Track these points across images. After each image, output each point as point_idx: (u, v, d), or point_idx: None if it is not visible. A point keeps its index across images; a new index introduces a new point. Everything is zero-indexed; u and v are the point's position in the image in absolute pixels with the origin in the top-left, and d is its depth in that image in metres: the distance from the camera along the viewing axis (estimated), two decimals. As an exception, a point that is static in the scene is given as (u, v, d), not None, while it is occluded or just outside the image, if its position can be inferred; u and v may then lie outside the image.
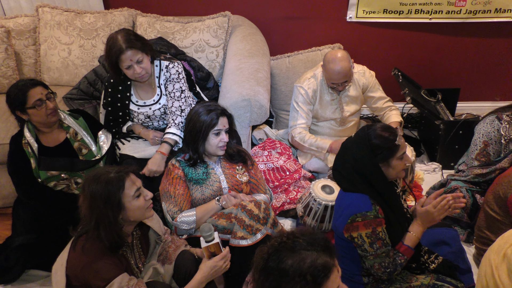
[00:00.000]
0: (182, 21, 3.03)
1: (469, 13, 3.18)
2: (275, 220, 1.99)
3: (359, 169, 1.77)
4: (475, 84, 3.54)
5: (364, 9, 3.21)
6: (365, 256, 1.78)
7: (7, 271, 2.17)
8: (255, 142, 3.19)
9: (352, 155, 1.78)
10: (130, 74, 2.30)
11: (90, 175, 1.64)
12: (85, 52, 3.02)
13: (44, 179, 2.25)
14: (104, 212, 1.60)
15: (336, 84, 2.64)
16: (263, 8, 3.27)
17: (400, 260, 1.78)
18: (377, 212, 1.74)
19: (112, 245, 1.64)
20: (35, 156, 2.22)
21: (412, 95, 2.94)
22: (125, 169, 1.67)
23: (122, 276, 1.63)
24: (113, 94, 2.44)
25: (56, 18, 3.03)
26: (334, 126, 2.87)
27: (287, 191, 2.71)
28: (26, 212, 2.23)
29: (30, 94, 2.14)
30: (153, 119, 2.51)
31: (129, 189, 1.65)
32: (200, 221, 2.02)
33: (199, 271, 1.72)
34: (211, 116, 2.03)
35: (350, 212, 1.75)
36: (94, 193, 1.60)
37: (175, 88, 2.43)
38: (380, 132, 1.75)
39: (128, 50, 2.20)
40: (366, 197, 1.75)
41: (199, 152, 2.08)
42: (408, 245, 1.79)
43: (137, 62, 2.25)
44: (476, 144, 2.44)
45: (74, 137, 2.32)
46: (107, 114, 2.50)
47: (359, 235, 1.74)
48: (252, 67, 2.74)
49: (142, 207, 1.69)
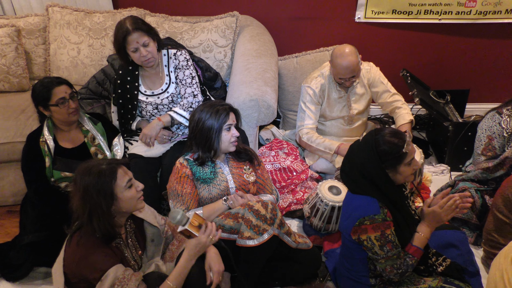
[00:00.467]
0: (190, 21, 3.04)
1: (479, 14, 3.15)
2: (282, 220, 1.99)
3: (366, 173, 1.76)
4: (484, 86, 3.51)
5: (372, 9, 3.20)
6: (376, 259, 1.77)
7: (17, 269, 2.19)
8: (262, 142, 3.19)
9: (359, 160, 1.77)
10: (136, 58, 2.33)
11: (82, 168, 1.65)
12: (94, 52, 3.04)
13: (57, 179, 2.27)
14: (97, 202, 1.62)
15: (343, 79, 2.63)
16: (271, 8, 3.27)
17: (411, 261, 1.77)
18: (385, 215, 1.73)
19: (105, 236, 1.66)
20: (51, 155, 2.25)
21: (420, 96, 2.92)
22: (116, 161, 1.71)
23: (117, 267, 1.64)
24: (122, 85, 2.48)
25: (65, 17, 3.06)
26: (341, 125, 2.87)
27: (294, 191, 2.70)
28: (34, 211, 2.25)
29: (55, 92, 2.18)
30: (161, 110, 2.52)
31: (121, 180, 1.67)
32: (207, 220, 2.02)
33: (185, 250, 1.73)
34: (221, 113, 2.03)
35: (358, 215, 1.74)
36: (87, 184, 1.61)
37: (185, 75, 2.47)
38: (388, 139, 1.73)
39: (135, 32, 2.26)
40: (374, 200, 1.74)
41: (215, 149, 2.07)
42: (417, 246, 1.79)
43: (143, 45, 2.29)
44: (481, 140, 2.46)
45: (91, 142, 2.36)
46: (119, 108, 2.53)
47: (368, 238, 1.74)
48: (260, 67, 2.74)
49: (134, 198, 1.71)
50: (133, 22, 2.27)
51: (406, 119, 2.73)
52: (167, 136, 2.48)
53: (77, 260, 1.64)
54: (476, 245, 2.38)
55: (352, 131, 2.90)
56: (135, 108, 2.51)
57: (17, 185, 2.68)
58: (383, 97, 2.81)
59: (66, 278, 1.68)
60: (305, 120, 2.79)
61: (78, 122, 2.37)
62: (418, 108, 3.44)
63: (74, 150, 2.32)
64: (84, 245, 1.65)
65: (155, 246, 1.96)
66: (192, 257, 1.71)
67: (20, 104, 2.89)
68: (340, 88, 2.75)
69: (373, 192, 1.75)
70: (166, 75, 2.49)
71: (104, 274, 1.61)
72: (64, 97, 2.19)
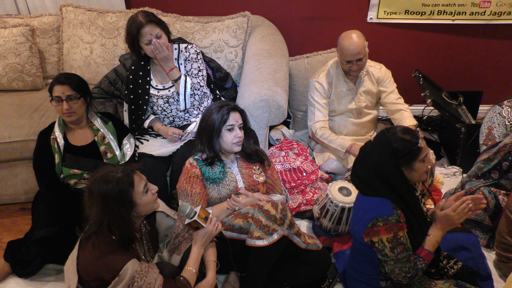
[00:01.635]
0: (201, 21, 3.05)
1: (494, 15, 3.11)
2: (292, 221, 1.98)
3: (380, 174, 1.74)
4: (498, 87, 3.46)
5: (385, 9, 3.17)
6: (385, 261, 1.76)
7: (28, 264, 2.21)
8: (272, 142, 3.19)
9: (373, 160, 1.75)
10: (150, 51, 2.38)
11: (96, 176, 1.66)
12: (106, 51, 3.07)
13: (66, 176, 2.31)
14: (117, 211, 1.64)
15: (351, 62, 2.64)
16: (282, 8, 3.26)
17: (421, 264, 1.75)
18: (398, 216, 1.71)
19: (125, 241, 1.70)
20: (60, 152, 2.29)
21: (433, 97, 2.89)
22: (130, 167, 1.72)
23: (134, 261, 1.67)
24: (134, 80, 2.53)
25: (79, 17, 3.09)
26: (351, 118, 2.87)
27: (303, 192, 2.70)
28: (45, 207, 2.28)
29: (54, 89, 2.25)
30: (172, 103, 2.54)
31: (139, 186, 1.70)
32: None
33: (194, 243, 1.88)
34: (222, 112, 2.04)
35: (371, 217, 1.73)
36: (105, 194, 1.62)
37: (193, 67, 2.54)
38: (401, 135, 1.72)
39: (148, 25, 2.33)
40: (388, 201, 1.73)
41: (215, 149, 2.09)
42: (428, 250, 1.77)
43: (156, 37, 2.36)
44: (482, 132, 2.62)
45: (101, 141, 2.38)
46: (130, 104, 2.56)
47: (379, 240, 1.72)
48: (270, 67, 2.74)
49: (150, 201, 1.77)
50: (146, 16, 2.35)
51: (413, 122, 2.74)
52: (178, 135, 2.49)
53: (93, 260, 1.66)
54: (488, 248, 2.35)
55: (361, 126, 2.89)
56: (146, 103, 2.53)
57: (29, 182, 2.72)
58: (390, 98, 2.82)
59: (79, 276, 1.70)
60: (316, 115, 2.80)
61: (89, 121, 2.40)
62: (430, 110, 3.41)
63: (84, 148, 2.35)
64: (100, 246, 1.67)
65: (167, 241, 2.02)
66: (203, 245, 1.88)
67: (34, 103, 2.92)
68: (348, 80, 2.76)
69: (387, 193, 1.74)
70: (176, 67, 2.52)
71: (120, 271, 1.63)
72: (59, 96, 2.23)
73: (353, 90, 2.80)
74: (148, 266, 1.70)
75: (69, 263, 1.74)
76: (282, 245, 1.94)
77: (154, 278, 1.67)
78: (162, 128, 2.56)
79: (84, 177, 2.33)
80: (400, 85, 2.85)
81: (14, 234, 2.57)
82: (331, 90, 2.80)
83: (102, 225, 1.67)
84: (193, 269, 1.83)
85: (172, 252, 1.99)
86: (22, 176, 2.74)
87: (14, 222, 2.70)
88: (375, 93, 2.84)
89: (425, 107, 3.38)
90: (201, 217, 1.83)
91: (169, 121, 2.62)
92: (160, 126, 2.57)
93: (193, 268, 1.83)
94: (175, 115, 2.59)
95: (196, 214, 1.82)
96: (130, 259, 1.66)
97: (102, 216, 1.65)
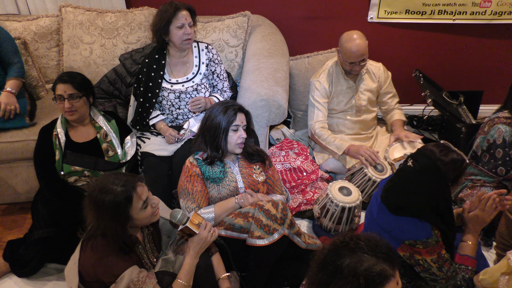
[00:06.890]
0: (202, 21, 3.04)
1: (494, 14, 3.11)
2: (292, 220, 1.98)
3: (432, 200, 1.68)
4: (498, 87, 3.46)
5: (385, 9, 3.17)
6: (435, 280, 1.74)
7: (27, 264, 2.21)
8: (273, 142, 3.18)
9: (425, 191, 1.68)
10: (179, 35, 2.42)
11: (96, 186, 1.64)
12: (106, 51, 3.07)
13: (67, 172, 2.30)
14: (111, 224, 1.62)
15: (354, 63, 2.64)
16: (283, 8, 3.26)
17: (467, 274, 1.75)
18: (437, 237, 1.70)
19: (121, 248, 1.67)
20: (61, 149, 2.29)
21: (433, 97, 2.89)
22: (131, 183, 1.65)
23: (132, 269, 1.65)
24: (147, 72, 2.53)
25: (78, 17, 3.08)
26: (350, 116, 2.87)
27: (303, 191, 2.70)
28: (45, 207, 2.28)
29: (57, 88, 2.26)
30: (183, 99, 2.54)
31: (137, 203, 1.66)
32: (218, 218, 2.02)
33: (187, 252, 1.78)
34: (229, 113, 2.04)
35: (406, 237, 1.69)
36: (101, 205, 1.60)
37: (222, 69, 2.66)
38: (447, 158, 1.66)
39: (185, 10, 2.42)
40: (426, 225, 1.68)
41: (222, 149, 2.08)
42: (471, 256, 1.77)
43: (189, 25, 2.42)
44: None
45: (104, 138, 2.38)
46: (138, 97, 2.56)
47: (423, 260, 1.71)
48: (271, 67, 2.74)
49: (149, 216, 1.72)
50: (183, 3, 2.43)
51: (403, 118, 2.88)
52: (174, 137, 2.49)
53: (92, 262, 1.66)
54: (486, 247, 2.36)
55: (361, 124, 2.90)
56: (156, 96, 2.54)
57: (30, 182, 2.72)
58: (387, 98, 2.89)
59: (81, 276, 1.70)
60: (316, 115, 2.81)
61: (91, 119, 2.40)
62: (431, 109, 3.41)
63: (85, 144, 2.35)
64: (100, 249, 1.66)
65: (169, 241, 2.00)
66: (196, 254, 1.78)
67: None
68: (348, 78, 2.76)
69: (427, 215, 1.68)
70: (195, 65, 2.57)
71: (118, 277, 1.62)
72: (61, 95, 2.25)
73: (353, 88, 2.80)
74: (146, 276, 1.67)
75: (71, 265, 1.74)
76: (283, 244, 1.93)
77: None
78: (163, 128, 2.56)
79: (85, 174, 2.33)
80: (401, 85, 2.86)
81: (14, 234, 2.57)
82: (331, 88, 2.80)
83: (98, 230, 1.67)
84: (184, 282, 1.72)
85: (177, 253, 1.95)
86: (23, 176, 2.73)
87: (14, 222, 2.70)
88: (375, 90, 2.85)
89: (425, 106, 3.38)
90: (193, 223, 1.75)
91: (172, 117, 2.61)
92: (162, 125, 2.57)
93: (184, 281, 1.72)
94: (183, 114, 2.59)
95: (188, 220, 1.75)
96: (129, 266, 1.65)
97: (97, 223, 1.65)
